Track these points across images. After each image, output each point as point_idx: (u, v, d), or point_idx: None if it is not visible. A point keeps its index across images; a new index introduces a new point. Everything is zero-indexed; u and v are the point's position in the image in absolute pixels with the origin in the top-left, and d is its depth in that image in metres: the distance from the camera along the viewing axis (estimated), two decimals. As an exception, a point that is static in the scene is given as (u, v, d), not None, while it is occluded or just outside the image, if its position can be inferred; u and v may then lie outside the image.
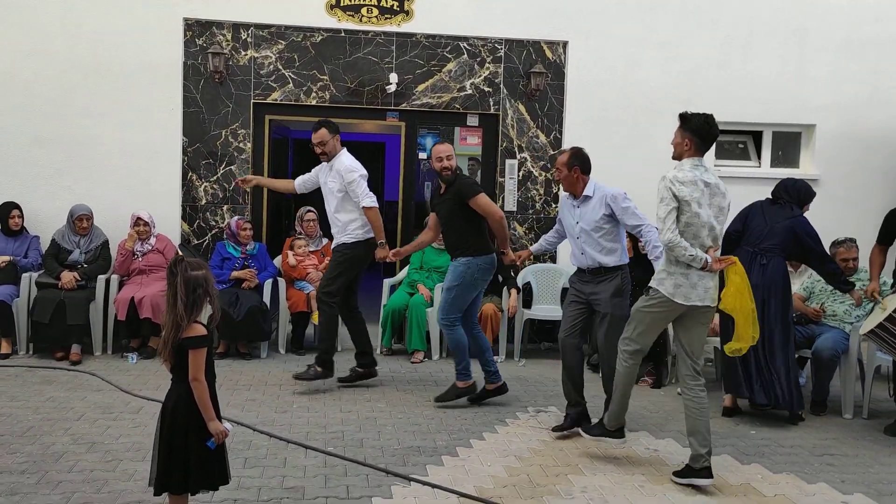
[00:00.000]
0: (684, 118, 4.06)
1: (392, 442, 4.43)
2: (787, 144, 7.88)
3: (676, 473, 4.01)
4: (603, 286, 4.61)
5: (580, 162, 4.69)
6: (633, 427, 4.89)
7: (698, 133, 4.00)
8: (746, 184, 7.49)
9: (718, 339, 5.76)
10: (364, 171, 5.53)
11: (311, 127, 5.59)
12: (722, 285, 4.00)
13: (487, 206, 5.10)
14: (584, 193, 4.70)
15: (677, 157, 4.07)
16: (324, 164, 5.64)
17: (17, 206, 6.47)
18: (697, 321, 4.01)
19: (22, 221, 6.49)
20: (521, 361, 6.67)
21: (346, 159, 5.50)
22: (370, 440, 4.45)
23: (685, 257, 3.83)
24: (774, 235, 5.14)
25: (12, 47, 6.65)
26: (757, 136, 7.84)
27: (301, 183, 5.85)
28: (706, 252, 3.88)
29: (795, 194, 5.33)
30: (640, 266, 6.35)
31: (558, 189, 7.40)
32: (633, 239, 6.52)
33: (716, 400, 5.57)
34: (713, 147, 7.42)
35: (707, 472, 3.92)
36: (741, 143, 7.84)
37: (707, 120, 4.04)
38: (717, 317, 5.75)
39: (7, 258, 6.27)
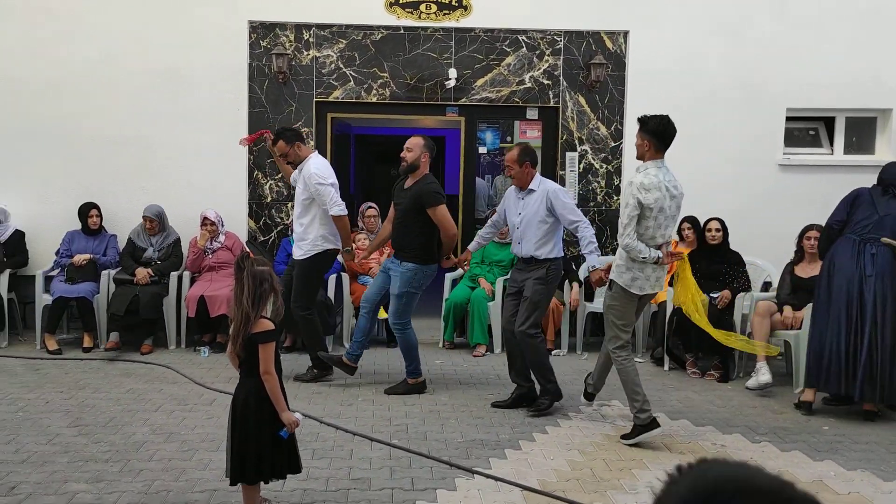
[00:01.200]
0: (642, 121, 4.36)
1: (455, 435, 4.49)
2: (862, 130, 7.60)
3: (624, 437, 4.40)
4: (533, 273, 4.90)
5: (530, 157, 4.96)
6: (700, 422, 4.83)
7: (656, 134, 4.29)
8: (818, 172, 7.29)
9: (790, 332, 5.64)
10: (334, 179, 5.50)
11: (377, 123, 5.69)
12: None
13: (445, 219, 5.19)
14: (530, 187, 4.93)
15: (640, 157, 4.40)
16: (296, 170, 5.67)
17: (95, 206, 6.77)
18: (644, 304, 4.62)
19: (101, 221, 6.79)
20: (583, 355, 6.64)
21: (312, 165, 5.48)
22: (434, 433, 4.51)
23: (640, 258, 4.27)
24: (885, 228, 4.91)
25: (89, 54, 6.94)
26: (829, 123, 7.58)
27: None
28: (659, 248, 4.32)
29: None
30: (704, 258, 6.25)
31: (620, 181, 7.32)
32: (698, 230, 6.42)
33: (785, 394, 5.45)
34: (781, 134, 7.28)
35: (654, 423, 4.35)
36: (812, 129, 7.60)
37: (663, 121, 4.32)
38: (787, 309, 5.66)
39: (87, 256, 6.57)
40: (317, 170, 5.43)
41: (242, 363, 3.14)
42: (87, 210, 6.71)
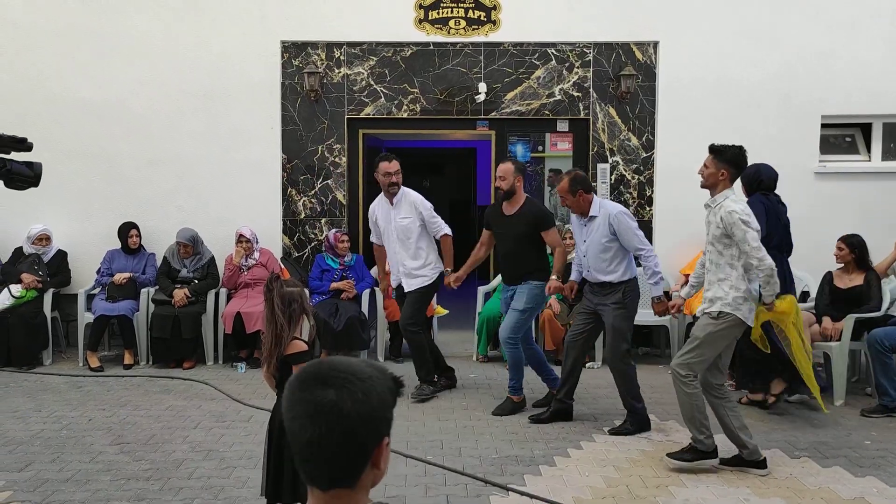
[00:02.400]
0: (718, 150, 4.15)
1: (490, 451, 4.49)
2: (900, 136, 7.46)
3: (675, 455, 4.21)
4: (608, 297, 4.82)
5: (582, 185, 4.84)
6: (737, 436, 4.77)
7: (735, 164, 4.12)
8: (855, 179, 7.18)
9: (830, 343, 5.54)
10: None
11: (408, 137, 5.78)
12: None
13: (557, 239, 5.26)
14: (591, 213, 4.85)
15: (710, 186, 4.17)
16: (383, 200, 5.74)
17: (135, 226, 6.92)
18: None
19: (139, 240, 6.94)
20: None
21: (413, 194, 5.68)
22: (468, 449, 4.52)
23: (773, 282, 4.01)
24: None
25: (127, 77, 7.12)
26: (866, 129, 7.44)
27: (377, 239, 5.93)
28: None
29: None
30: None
31: (652, 192, 7.28)
32: None
33: (817, 408, 5.36)
34: (817, 142, 7.17)
35: (715, 453, 4.19)
36: (848, 136, 7.47)
37: (742, 151, 4.15)
38: (826, 320, 5.56)
39: (127, 275, 6.72)
40: (421, 198, 5.68)
41: (279, 383, 3.18)
42: (126, 230, 6.86)
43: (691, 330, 4.31)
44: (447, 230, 5.70)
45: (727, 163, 4.10)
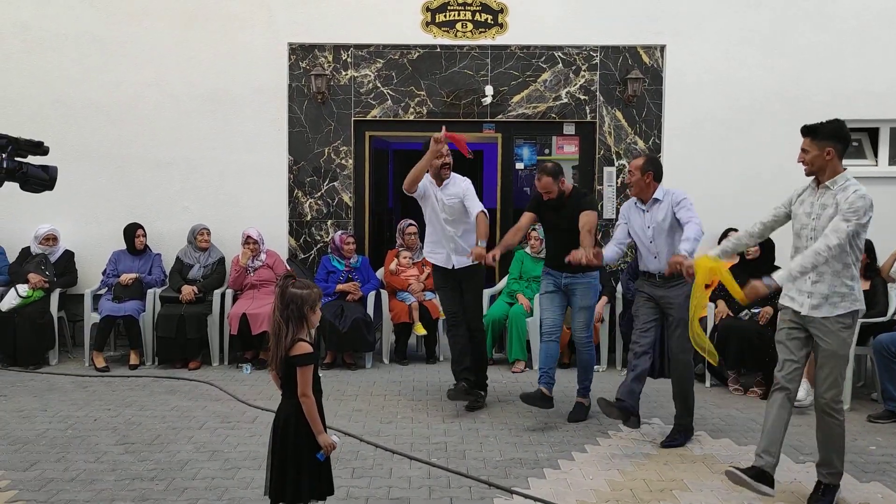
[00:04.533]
0: (814, 129, 3.71)
1: (494, 453, 4.49)
2: (907, 141, 7.43)
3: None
4: (675, 291, 4.61)
5: (654, 168, 4.75)
6: (742, 441, 4.76)
7: (840, 138, 3.67)
8: (863, 184, 7.11)
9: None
10: None
11: (415, 139, 5.67)
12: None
13: (591, 221, 5.03)
14: (654, 197, 4.73)
15: (817, 171, 3.73)
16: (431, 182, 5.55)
17: (141, 227, 6.95)
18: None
19: (146, 240, 6.97)
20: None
21: (460, 178, 5.55)
22: (472, 451, 4.52)
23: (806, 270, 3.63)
24: None
25: (136, 79, 7.15)
26: (873, 133, 7.43)
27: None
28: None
29: None
30: (745, 272, 6.16)
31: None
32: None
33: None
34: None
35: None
36: (855, 140, 7.45)
37: (841, 123, 3.70)
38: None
39: (133, 276, 6.75)
40: (468, 182, 5.54)
41: (283, 384, 3.20)
42: (133, 230, 6.89)
43: (818, 351, 3.73)
44: (482, 207, 5.47)
45: (828, 139, 3.65)
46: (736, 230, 6.58)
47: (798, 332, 3.82)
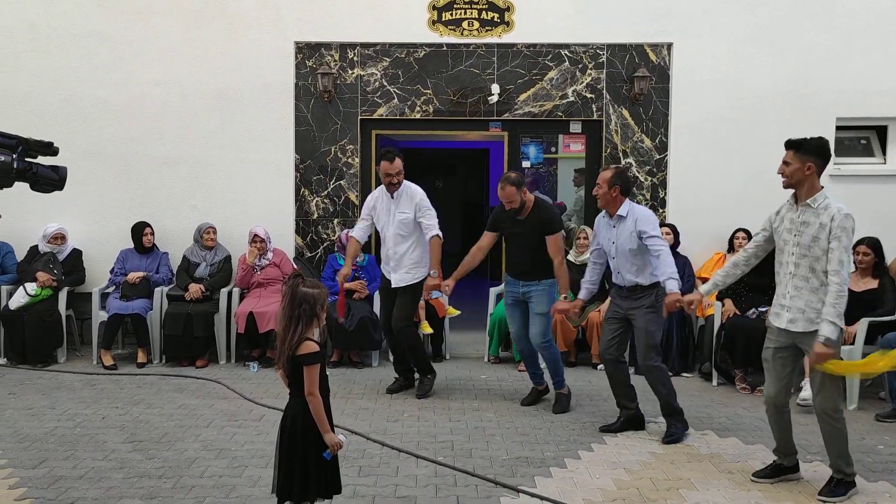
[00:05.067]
0: (798, 143, 3.79)
1: (500, 452, 4.49)
2: (917, 138, 7.39)
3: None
4: (639, 302, 4.74)
5: (622, 182, 4.80)
6: (750, 440, 4.75)
7: (821, 155, 3.76)
8: (870, 182, 7.13)
9: (843, 347, 5.50)
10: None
11: (422, 138, 5.71)
12: None
13: (558, 247, 5.23)
14: (619, 213, 4.79)
15: (795, 184, 3.80)
16: (383, 195, 5.67)
17: (148, 225, 6.97)
18: None
19: (153, 239, 6.99)
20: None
21: (416, 188, 5.61)
22: (479, 450, 4.53)
23: (842, 303, 3.68)
24: None
25: (143, 78, 7.17)
26: (881, 131, 7.39)
27: (361, 234, 5.81)
28: None
29: None
30: (752, 271, 6.15)
31: (665, 194, 7.26)
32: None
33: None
34: (831, 144, 7.10)
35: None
36: (863, 139, 7.42)
37: (824, 141, 3.80)
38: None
39: (141, 274, 6.77)
40: (422, 193, 5.61)
41: (290, 383, 3.20)
42: (140, 229, 6.91)
43: (810, 365, 3.90)
44: (437, 231, 5.55)
45: (811, 154, 3.73)
46: (745, 230, 6.58)
47: (784, 350, 3.97)
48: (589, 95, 7.25)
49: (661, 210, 7.24)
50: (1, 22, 7.16)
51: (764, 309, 5.94)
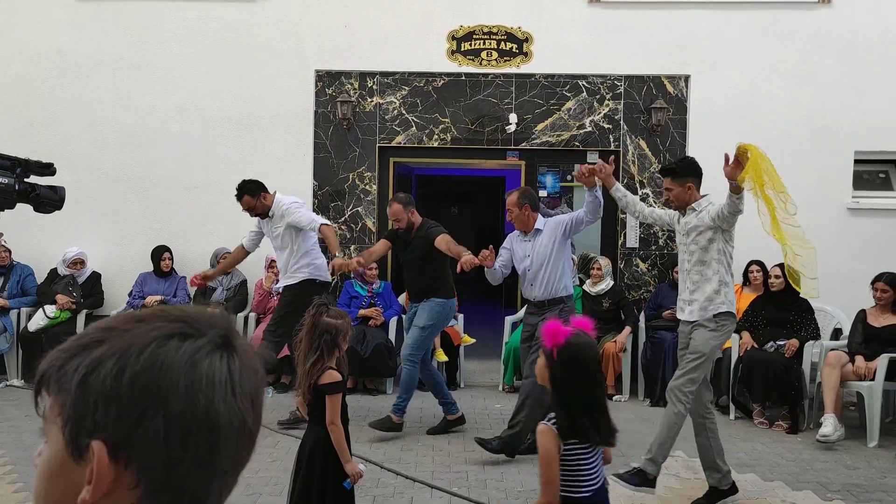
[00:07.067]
0: (672, 169, 4.23)
1: (515, 483, 4.46)
2: (935, 172, 7.36)
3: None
4: (546, 316, 4.78)
5: (529, 199, 4.96)
6: (768, 476, 4.69)
7: (692, 172, 4.19)
8: (889, 216, 7.10)
9: (863, 383, 5.45)
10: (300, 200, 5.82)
11: (438, 165, 5.77)
12: None
13: (447, 243, 5.27)
14: (536, 227, 4.94)
15: (684, 205, 4.19)
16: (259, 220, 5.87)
17: (168, 249, 7.04)
18: None
19: (172, 263, 7.05)
20: (646, 401, 6.53)
21: (284, 200, 5.73)
22: (493, 481, 4.50)
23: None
24: None
25: (166, 104, 7.29)
26: (900, 165, 7.37)
27: (250, 243, 6.02)
28: None
29: None
30: (770, 304, 6.12)
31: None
32: (766, 274, 6.29)
33: (858, 449, 5.25)
34: (850, 177, 7.10)
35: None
36: (882, 172, 7.39)
37: (690, 159, 4.33)
38: (859, 359, 5.47)
39: (159, 298, 6.82)
40: (291, 200, 5.72)
41: (310, 412, 3.20)
42: (159, 253, 6.98)
43: (690, 344, 4.16)
44: (320, 221, 5.65)
45: (687, 175, 4.18)
46: (759, 262, 6.54)
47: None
48: (606, 126, 7.28)
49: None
50: (29, 49, 7.31)
51: (783, 342, 5.90)
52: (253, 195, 5.72)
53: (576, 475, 2.40)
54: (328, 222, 5.74)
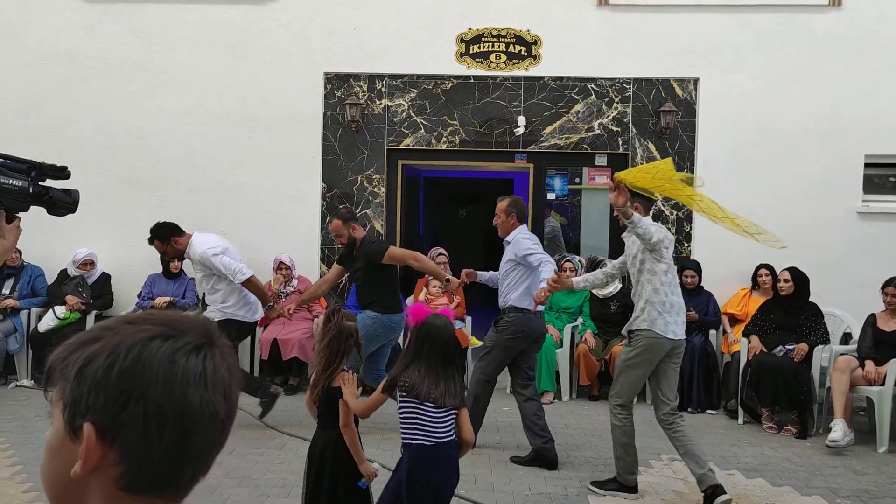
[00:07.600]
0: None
1: (523, 487, 4.45)
2: (947, 176, 7.32)
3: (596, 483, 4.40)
4: (499, 325, 4.98)
5: (517, 209, 5.07)
6: (777, 481, 4.67)
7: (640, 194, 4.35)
8: (901, 220, 7.05)
9: (873, 388, 5.42)
10: (225, 245, 5.66)
11: (446, 168, 5.82)
12: None
13: (400, 255, 5.45)
14: (507, 238, 5.04)
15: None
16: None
17: (176, 251, 7.06)
18: (671, 360, 4.28)
19: (181, 265, 7.08)
20: (649, 403, 6.50)
21: (197, 246, 5.54)
22: (501, 484, 4.49)
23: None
24: None
25: (175, 106, 7.32)
26: (912, 169, 7.33)
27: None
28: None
29: None
30: (779, 308, 6.09)
31: (690, 228, 7.23)
32: (775, 278, 6.28)
33: (867, 454, 5.23)
34: (860, 181, 7.06)
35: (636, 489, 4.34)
36: (892, 176, 7.35)
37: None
38: (869, 364, 5.44)
39: (168, 299, 6.85)
40: (206, 248, 5.51)
41: (320, 414, 3.21)
42: (169, 254, 7.00)
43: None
44: (244, 275, 5.50)
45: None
46: (768, 266, 6.53)
47: None
48: (615, 129, 7.27)
49: (686, 244, 7.21)
50: (40, 51, 7.35)
51: (791, 347, 5.88)
52: (163, 240, 5.59)
53: (413, 424, 3.05)
54: (250, 275, 5.52)
